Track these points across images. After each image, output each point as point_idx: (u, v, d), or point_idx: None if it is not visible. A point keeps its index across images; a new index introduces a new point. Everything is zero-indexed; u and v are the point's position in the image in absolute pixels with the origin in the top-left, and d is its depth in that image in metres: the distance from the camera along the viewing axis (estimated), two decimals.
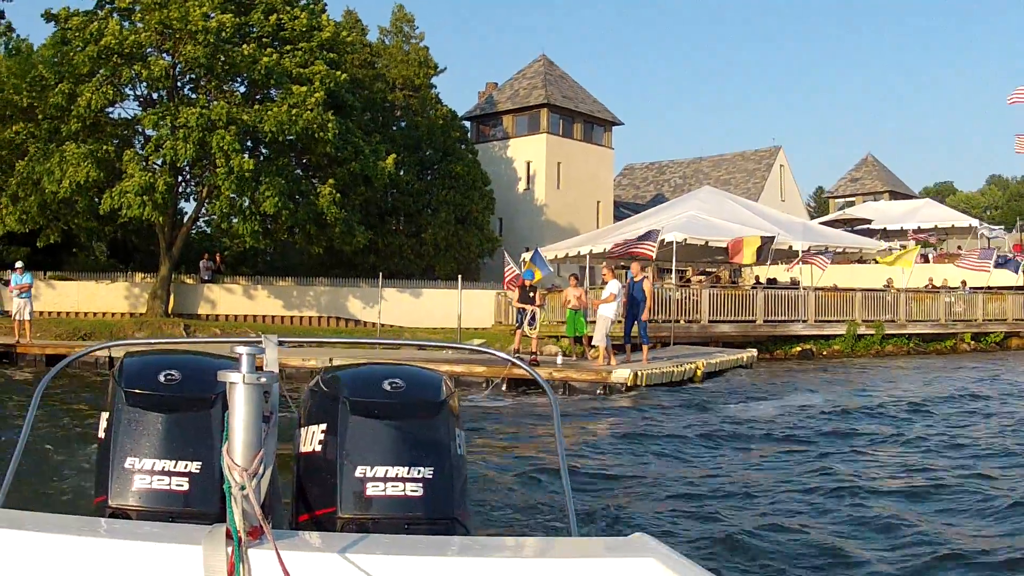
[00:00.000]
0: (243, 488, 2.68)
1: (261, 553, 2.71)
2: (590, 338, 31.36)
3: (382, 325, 45.80)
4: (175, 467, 3.64)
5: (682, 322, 40.68)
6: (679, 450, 16.08)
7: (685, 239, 41.79)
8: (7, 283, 42.23)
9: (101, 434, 3.82)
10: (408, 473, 3.69)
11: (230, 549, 2.68)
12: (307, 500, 3.82)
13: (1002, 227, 76.71)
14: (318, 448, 3.80)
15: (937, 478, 13.98)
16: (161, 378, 3.82)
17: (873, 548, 10.32)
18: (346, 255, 52.03)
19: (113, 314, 45.85)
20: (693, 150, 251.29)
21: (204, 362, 4.02)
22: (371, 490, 3.66)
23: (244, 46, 40.98)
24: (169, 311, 45.12)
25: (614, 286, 29.54)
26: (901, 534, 10.92)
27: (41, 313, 41.25)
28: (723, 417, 20.19)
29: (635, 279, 30.89)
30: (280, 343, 3.81)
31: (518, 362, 4.78)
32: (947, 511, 12.45)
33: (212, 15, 40.35)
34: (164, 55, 41.69)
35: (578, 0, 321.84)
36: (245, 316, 47.92)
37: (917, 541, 10.86)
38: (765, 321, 42.86)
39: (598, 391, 24.96)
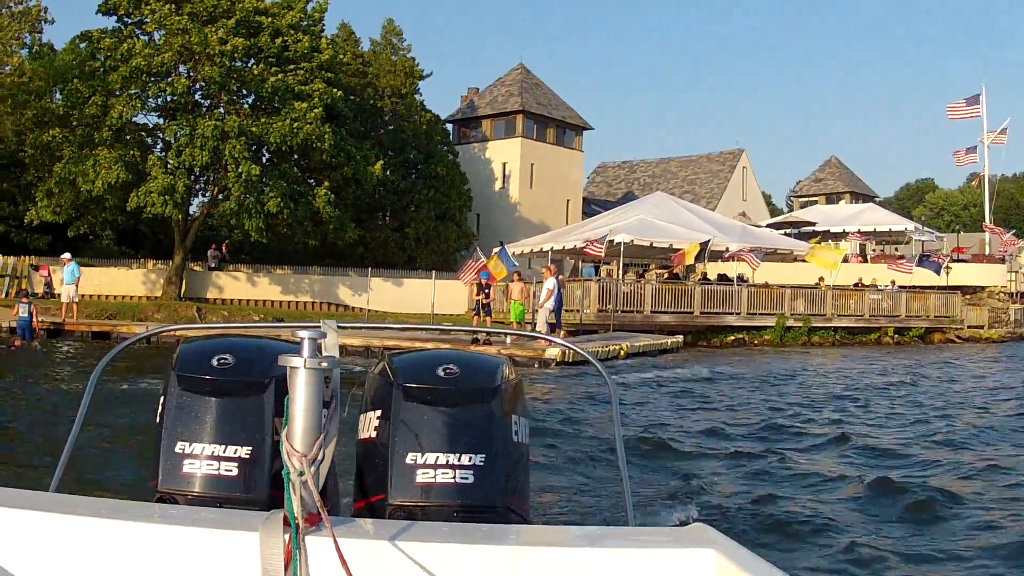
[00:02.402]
0: (302, 474, 2.68)
1: (318, 540, 2.72)
2: (530, 323, 38.26)
3: (369, 311, 51.12)
4: (225, 452, 3.59)
5: (632, 312, 46.05)
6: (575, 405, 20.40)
7: (632, 240, 47.58)
8: (37, 268, 48.08)
9: (157, 419, 3.76)
10: (459, 460, 3.62)
11: (287, 536, 2.68)
12: (362, 486, 3.80)
13: (935, 231, 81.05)
14: (373, 434, 3.76)
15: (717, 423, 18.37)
16: (214, 362, 3.79)
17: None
18: (337, 247, 56.93)
19: (132, 297, 50.94)
20: (664, 150, 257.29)
21: (258, 346, 3.97)
22: (421, 477, 3.59)
23: (254, 66, 47.00)
24: (182, 295, 50.51)
25: (550, 283, 36.51)
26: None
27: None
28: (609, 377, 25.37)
29: (544, 277, 38.17)
30: (340, 327, 3.72)
31: (572, 345, 5.11)
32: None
33: (227, 39, 45.85)
34: (184, 73, 47.53)
35: (556, 11, 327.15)
36: (248, 300, 53.09)
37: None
38: (702, 313, 47.91)
39: (535, 365, 30.84)
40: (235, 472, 3.56)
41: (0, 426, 16.36)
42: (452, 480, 3.59)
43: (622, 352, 35.18)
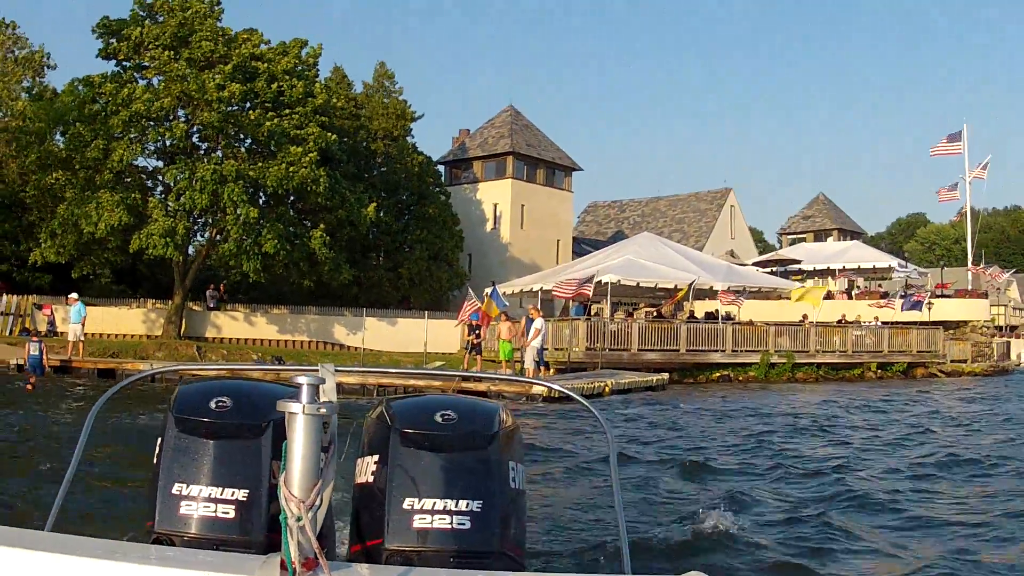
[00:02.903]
0: (299, 519, 2.68)
1: None
2: (519, 361, 40.17)
3: (365, 350, 52.18)
4: (222, 494, 3.63)
5: (620, 350, 47.31)
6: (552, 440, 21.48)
7: (619, 280, 49.06)
8: (40, 307, 49.28)
9: (155, 460, 3.78)
10: (456, 506, 3.62)
11: None
12: (359, 530, 3.82)
13: (918, 268, 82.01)
14: (371, 479, 3.77)
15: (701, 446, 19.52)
16: (212, 404, 3.82)
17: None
18: (332, 287, 57.86)
19: (132, 335, 52.06)
20: (655, 189, 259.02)
21: (256, 389, 4.01)
22: (418, 522, 3.62)
23: (250, 111, 48.21)
24: (181, 334, 51.59)
25: (538, 323, 38.09)
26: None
27: (66, 333, 45.36)
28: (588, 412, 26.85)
29: (530, 318, 40.10)
30: (337, 371, 3.78)
31: (572, 394, 4.84)
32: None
33: (224, 85, 47.17)
34: (183, 118, 48.89)
35: (546, 52, 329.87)
36: (247, 339, 54.28)
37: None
38: (687, 350, 49.10)
39: (522, 400, 32.14)
40: (232, 514, 3.60)
41: (6, 456, 16.76)
42: (449, 526, 3.61)
43: (607, 389, 36.29)
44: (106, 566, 2.76)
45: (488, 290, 44.64)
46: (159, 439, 3.77)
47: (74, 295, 43.30)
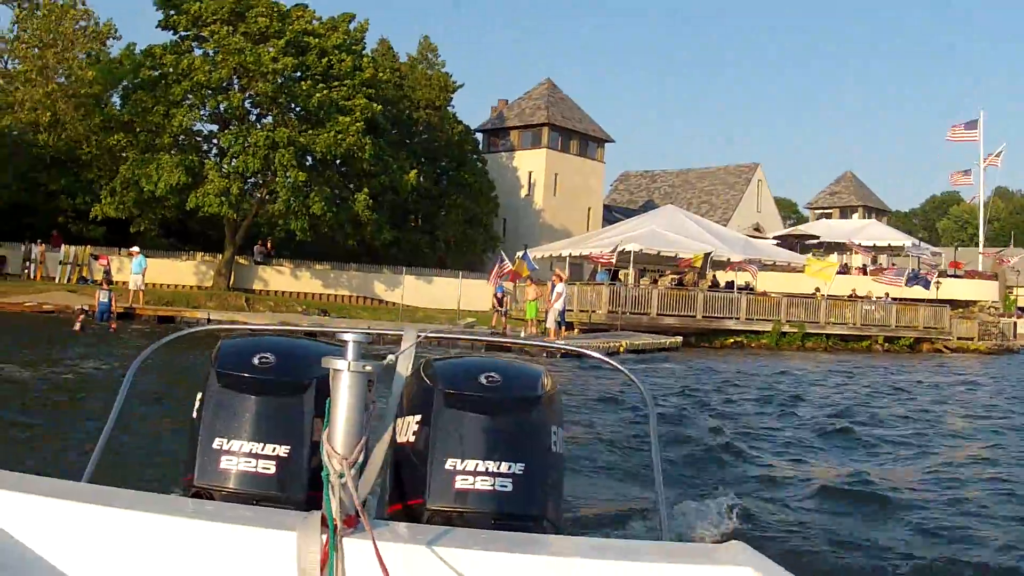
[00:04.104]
0: (341, 476, 2.68)
1: (355, 542, 2.74)
2: (542, 320, 43.77)
3: (403, 305, 55.24)
4: (263, 450, 3.53)
5: (640, 314, 50.61)
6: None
7: (641, 249, 52.19)
8: (96, 257, 52.65)
9: (194, 414, 3.68)
10: (498, 468, 3.53)
11: (324, 537, 2.69)
12: (399, 490, 3.69)
13: (931, 248, 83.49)
14: (412, 439, 3.65)
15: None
16: (255, 360, 3.73)
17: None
18: (373, 246, 61.64)
19: (184, 286, 55.61)
20: (685, 160, 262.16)
21: (300, 346, 3.91)
22: (460, 483, 3.51)
23: (302, 83, 51.82)
24: (230, 286, 55.30)
25: (560, 287, 41.60)
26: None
27: (124, 283, 48.07)
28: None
29: (552, 282, 43.44)
30: (420, 336, 3.89)
31: (615, 364, 4.75)
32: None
33: (278, 58, 50.80)
34: (238, 88, 52.61)
35: (584, 28, 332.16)
36: (292, 292, 57.96)
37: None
38: (704, 317, 52.21)
39: (544, 355, 35.41)
40: (272, 470, 3.54)
41: (52, 403, 16.71)
42: (491, 487, 3.53)
43: (621, 348, 39.44)
44: (144, 518, 2.83)
45: (520, 253, 48.65)
46: (199, 393, 3.73)
47: (135, 248, 46.70)
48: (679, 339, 47.00)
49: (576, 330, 46.79)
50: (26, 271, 54.87)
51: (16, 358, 23.36)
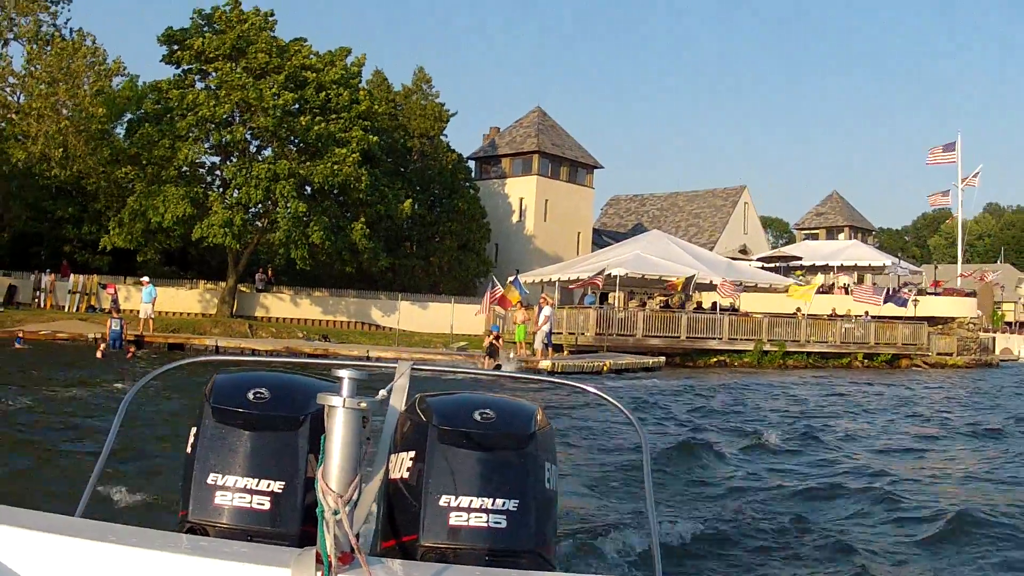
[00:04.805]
0: (336, 513, 2.66)
1: None
2: (530, 343, 45.97)
3: (399, 330, 57.19)
4: (257, 486, 3.52)
5: (626, 336, 52.50)
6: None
7: (627, 273, 54.33)
8: (105, 286, 54.53)
9: (188, 449, 3.66)
10: (492, 504, 3.50)
11: (319, 574, 2.67)
12: (392, 526, 3.65)
13: (911, 267, 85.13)
14: (406, 475, 3.62)
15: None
16: (250, 395, 3.70)
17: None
18: (369, 272, 63.51)
19: (188, 314, 57.52)
20: (675, 183, 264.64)
21: (295, 381, 3.89)
22: (454, 520, 3.49)
23: (301, 117, 54.02)
24: (233, 313, 57.27)
25: (547, 311, 44.17)
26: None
27: (132, 311, 50.53)
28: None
29: (540, 306, 45.96)
30: (415, 369, 3.92)
31: (610, 398, 4.49)
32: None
33: (278, 94, 53.02)
34: (240, 121, 54.81)
35: (573, 56, 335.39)
36: (292, 319, 59.87)
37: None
38: (687, 337, 54.17)
39: (529, 374, 37.35)
40: (267, 506, 3.51)
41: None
42: (485, 524, 3.50)
43: (605, 367, 41.91)
44: (138, 554, 2.83)
45: (511, 279, 50.34)
46: (193, 428, 3.71)
47: (145, 278, 48.73)
48: (662, 359, 48.98)
49: (565, 351, 48.65)
50: (36, 300, 56.53)
51: (57, 380, 25.32)
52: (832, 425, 23.87)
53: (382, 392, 3.55)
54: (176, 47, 55.73)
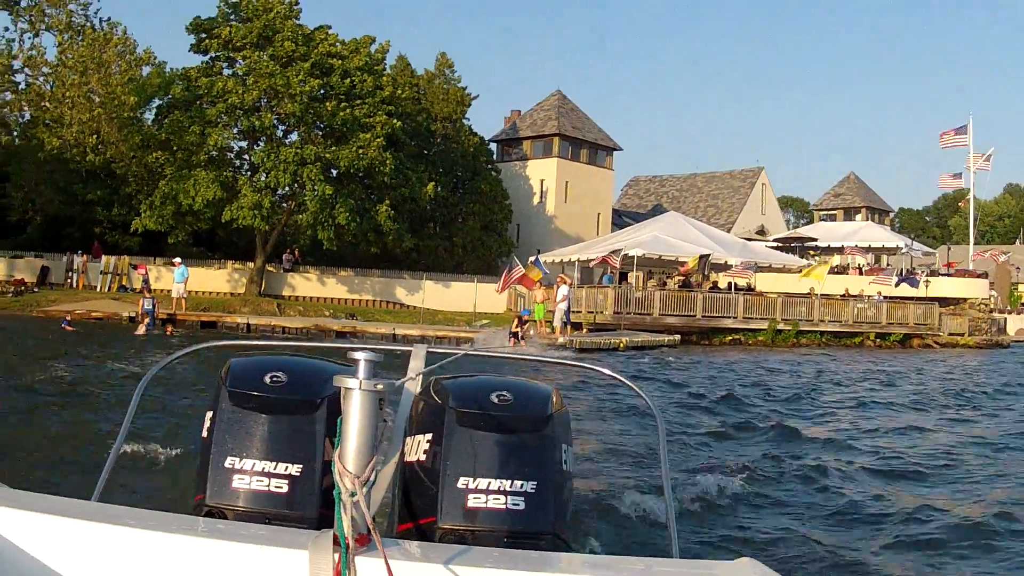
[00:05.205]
0: (353, 495, 2.67)
1: (367, 561, 2.72)
2: (550, 321, 47.48)
3: (423, 308, 58.59)
4: (275, 469, 3.57)
5: (644, 315, 53.84)
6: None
7: (644, 253, 56.07)
8: (136, 267, 55.87)
9: (204, 433, 3.73)
10: (510, 486, 3.58)
11: (336, 555, 2.66)
12: (409, 508, 3.74)
13: (921, 247, 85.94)
14: (423, 457, 3.70)
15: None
16: (267, 379, 3.75)
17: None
18: (393, 252, 64.88)
19: (217, 293, 58.89)
20: (695, 164, 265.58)
21: (311, 365, 3.95)
22: (472, 502, 3.56)
23: (327, 103, 55.59)
24: (262, 292, 58.70)
25: (564, 290, 45.74)
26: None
27: (162, 291, 52.12)
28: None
29: (558, 285, 47.22)
30: (430, 352, 4.04)
31: (625, 381, 4.70)
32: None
33: (305, 81, 54.56)
34: (268, 108, 56.32)
35: (593, 39, 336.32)
36: (319, 298, 61.21)
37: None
38: (703, 316, 55.59)
39: (548, 349, 39.35)
40: (284, 489, 3.55)
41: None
42: (503, 506, 3.56)
43: (621, 345, 43.23)
44: (155, 537, 2.84)
45: (532, 259, 51.86)
46: (209, 412, 3.76)
47: (178, 259, 49.89)
48: (677, 337, 50.30)
49: (584, 329, 50.07)
50: (68, 280, 57.77)
51: (113, 355, 26.72)
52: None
53: (409, 377, 3.84)
54: (204, 36, 57.24)
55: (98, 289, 56.36)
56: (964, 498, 12.38)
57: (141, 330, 38.88)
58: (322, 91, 56.57)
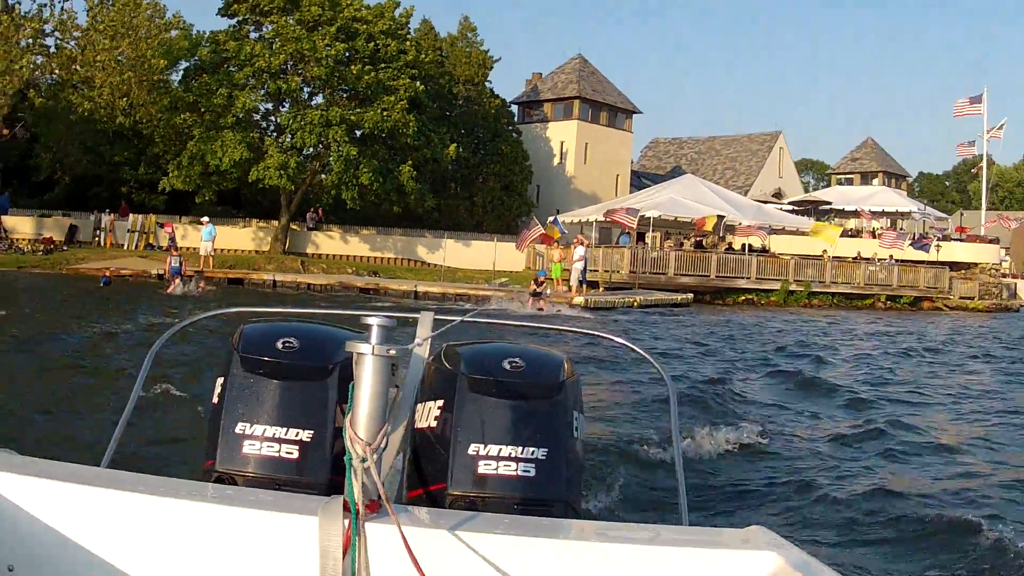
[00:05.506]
0: (364, 461, 2.68)
1: (377, 527, 2.73)
2: (567, 279, 48.94)
3: (444, 267, 59.84)
4: (286, 435, 3.54)
5: (659, 274, 55.16)
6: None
7: (660, 215, 57.46)
8: (162, 225, 57.24)
9: (215, 399, 3.68)
10: (521, 453, 3.55)
11: (347, 521, 2.68)
12: (419, 475, 3.74)
13: (935, 212, 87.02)
14: (433, 424, 3.69)
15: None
16: (279, 345, 3.69)
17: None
18: (415, 211, 66.16)
19: (243, 251, 60.45)
20: (714, 127, 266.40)
21: (323, 331, 3.89)
22: (483, 468, 3.55)
23: (352, 66, 56.93)
24: (286, 250, 60.26)
25: (581, 250, 47.24)
26: None
27: (188, 248, 53.30)
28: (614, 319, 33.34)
29: (575, 246, 48.61)
30: (437, 319, 3.99)
31: (637, 348, 4.66)
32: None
33: (331, 45, 56.01)
34: (294, 72, 57.82)
35: (613, 3, 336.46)
36: (341, 256, 62.58)
37: None
38: (717, 276, 56.97)
39: (566, 305, 40.69)
40: (295, 455, 3.53)
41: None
42: (514, 473, 3.55)
43: (635, 303, 44.68)
44: (165, 503, 2.84)
45: (551, 218, 53.65)
46: (220, 378, 3.73)
47: (205, 218, 51.57)
48: (690, 296, 51.71)
49: (601, 288, 51.17)
50: (96, 239, 59.38)
51: (157, 311, 28.00)
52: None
53: (416, 342, 3.90)
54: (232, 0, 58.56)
55: (125, 247, 57.82)
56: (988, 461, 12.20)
57: (173, 288, 39.95)
58: (347, 54, 57.69)
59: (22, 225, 58.82)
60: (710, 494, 9.83)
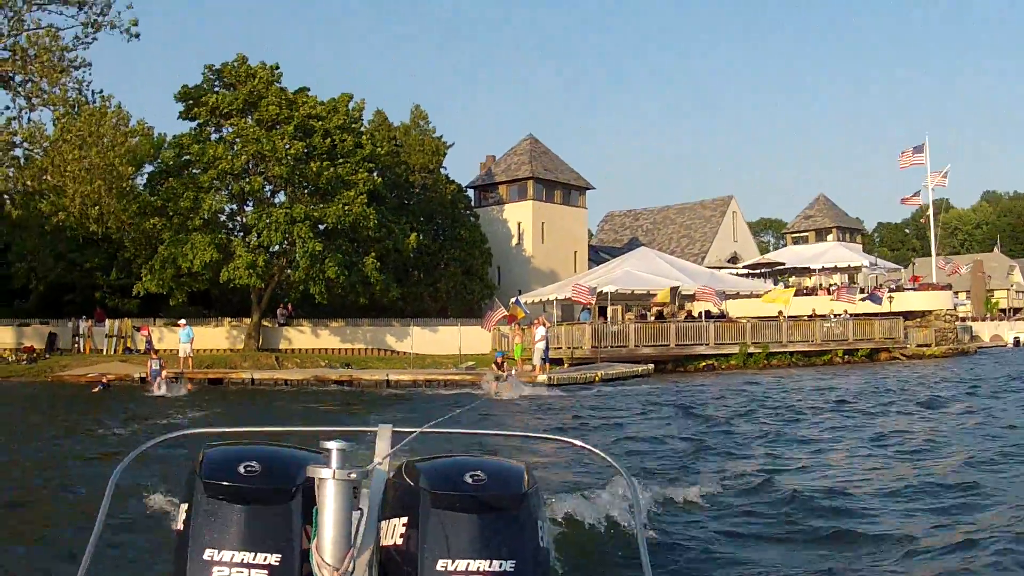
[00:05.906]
0: None
1: None
2: (529, 359, 50.22)
3: (413, 354, 61.40)
4: (254, 559, 3.43)
5: (620, 347, 56.76)
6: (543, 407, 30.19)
7: (617, 289, 59.02)
8: (139, 329, 58.81)
9: (180, 526, 3.58)
10: (489, 567, 3.45)
11: None
12: None
13: (886, 264, 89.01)
14: (399, 541, 3.60)
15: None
16: (241, 469, 3.59)
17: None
18: (381, 301, 67.18)
19: (217, 350, 61.69)
20: (668, 195, 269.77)
21: (284, 454, 3.80)
22: None
23: (311, 163, 58.58)
24: (260, 347, 61.53)
25: (541, 330, 48.88)
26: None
27: (165, 350, 54.50)
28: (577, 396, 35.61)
29: (536, 326, 50.28)
30: (396, 432, 3.99)
31: (594, 449, 4.43)
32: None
33: (290, 144, 57.57)
34: (256, 171, 59.40)
35: (561, 83, 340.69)
36: (314, 349, 64.07)
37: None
38: (676, 345, 58.42)
39: (531, 387, 41.40)
40: None
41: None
42: None
43: (597, 378, 46.24)
44: None
45: (513, 300, 55.10)
46: (184, 504, 3.62)
47: (182, 320, 53.08)
48: (651, 366, 53.13)
49: (565, 364, 53.08)
50: (76, 345, 60.55)
51: (146, 414, 29.02)
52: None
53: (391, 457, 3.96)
54: (192, 103, 60.31)
55: (104, 352, 59.09)
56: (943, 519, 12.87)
57: (158, 391, 41.38)
58: (306, 152, 59.38)
59: (2, 335, 60.34)
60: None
